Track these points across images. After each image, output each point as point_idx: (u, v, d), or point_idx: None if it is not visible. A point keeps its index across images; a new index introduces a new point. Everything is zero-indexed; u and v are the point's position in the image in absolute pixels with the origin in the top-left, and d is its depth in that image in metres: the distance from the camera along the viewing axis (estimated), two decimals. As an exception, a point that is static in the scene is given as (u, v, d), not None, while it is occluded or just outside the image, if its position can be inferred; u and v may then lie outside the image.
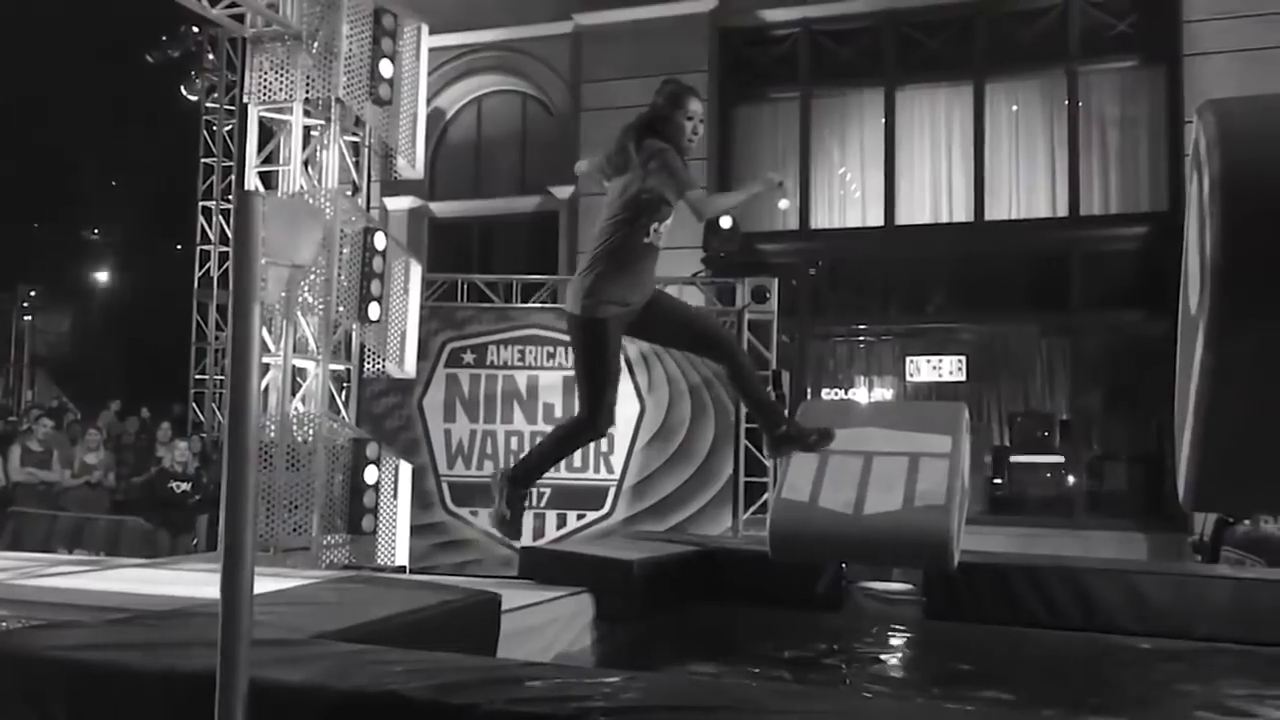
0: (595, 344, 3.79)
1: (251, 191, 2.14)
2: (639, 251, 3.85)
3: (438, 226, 13.07)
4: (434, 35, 10.56)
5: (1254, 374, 2.10)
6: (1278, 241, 1.99)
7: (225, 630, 1.92)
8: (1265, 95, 2.33)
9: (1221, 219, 1.96)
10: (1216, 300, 2.02)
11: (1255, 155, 2.01)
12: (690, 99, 4.00)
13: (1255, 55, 9.99)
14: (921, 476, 4.35)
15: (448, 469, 9.26)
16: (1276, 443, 2.19)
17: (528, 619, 3.68)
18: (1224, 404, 2.19)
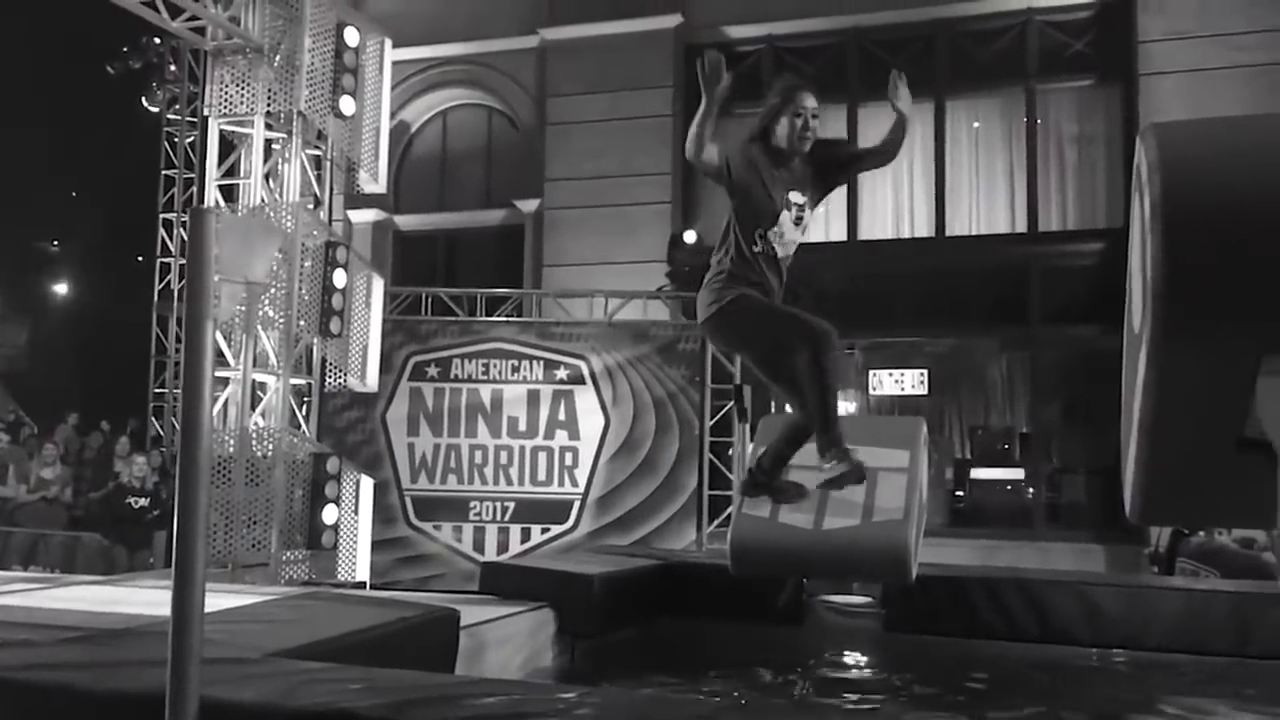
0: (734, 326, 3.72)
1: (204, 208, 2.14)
2: (749, 260, 3.74)
3: (403, 239, 13.03)
4: (399, 48, 10.55)
5: (1194, 391, 2.14)
6: (1215, 262, 2.04)
7: (175, 649, 1.91)
8: (1205, 119, 2.39)
9: (1161, 240, 2.00)
10: (1157, 319, 2.07)
11: (1193, 178, 2.06)
12: (802, 94, 3.82)
13: (1208, 75, 10.20)
14: (880, 491, 4.39)
15: (411, 483, 9.23)
16: (1216, 458, 2.24)
17: (488, 635, 3.67)
18: (1166, 420, 2.24)
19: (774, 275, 3.80)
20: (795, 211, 3.85)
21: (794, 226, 3.84)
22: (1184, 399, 2.18)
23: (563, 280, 11.37)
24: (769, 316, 3.75)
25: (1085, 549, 10.15)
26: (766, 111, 3.86)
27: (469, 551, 8.95)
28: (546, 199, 12.03)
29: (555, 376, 9.38)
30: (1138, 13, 10.62)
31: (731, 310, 3.71)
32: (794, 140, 3.77)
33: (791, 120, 3.78)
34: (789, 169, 3.81)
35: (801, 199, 3.85)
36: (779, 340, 3.76)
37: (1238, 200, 2.02)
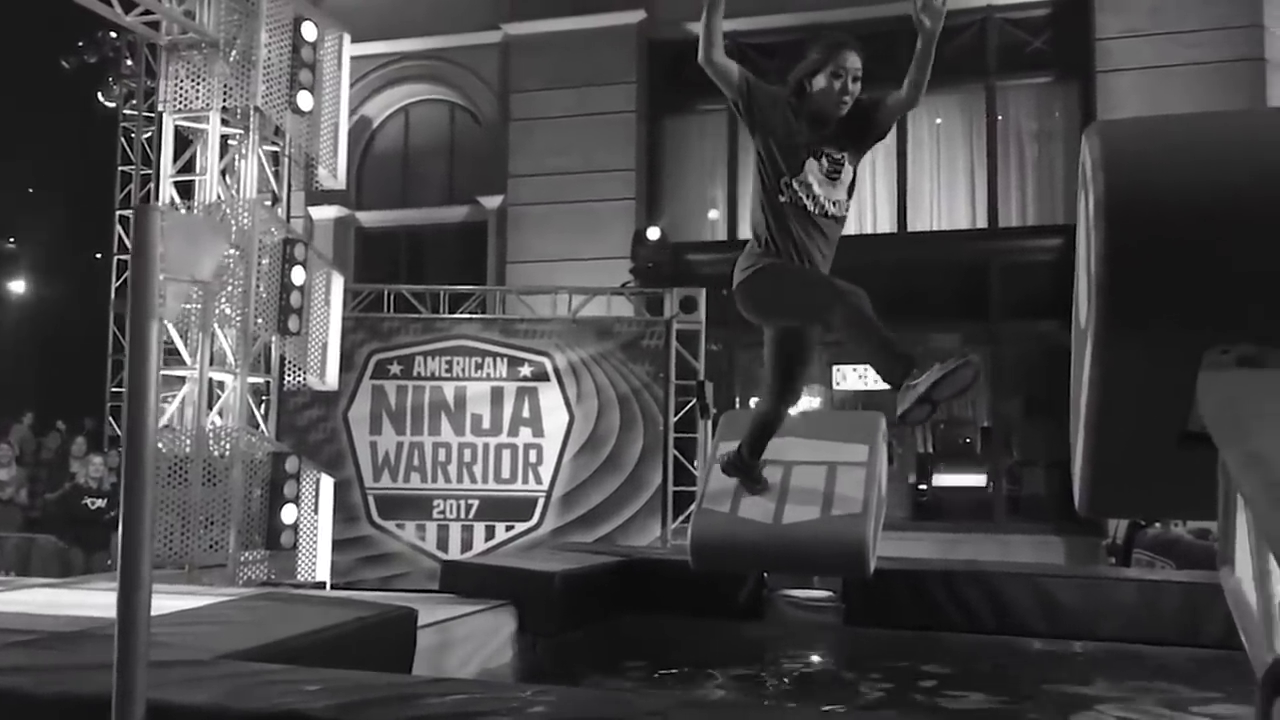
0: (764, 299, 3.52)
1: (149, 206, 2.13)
2: (779, 213, 3.49)
3: (365, 236, 12.95)
4: (360, 43, 10.47)
5: (1138, 385, 2.17)
6: (1158, 259, 2.06)
7: (121, 652, 1.89)
8: (1148, 117, 2.42)
9: (1103, 236, 2.03)
10: (1101, 314, 2.09)
11: (1136, 176, 2.08)
12: (845, 52, 3.57)
13: (1163, 71, 10.35)
14: (839, 485, 4.43)
15: (374, 482, 9.17)
16: (1161, 451, 2.27)
17: (446, 634, 3.66)
18: (1111, 414, 2.26)
19: (812, 234, 3.52)
20: (827, 164, 3.55)
21: (827, 181, 3.54)
22: (1128, 393, 2.21)
23: (527, 277, 11.35)
24: (802, 278, 3.51)
25: (1045, 541, 10.28)
26: (804, 66, 3.59)
27: (432, 550, 8.91)
28: (510, 195, 12.00)
29: (519, 373, 9.36)
30: (1095, 11, 10.76)
31: (761, 275, 3.51)
32: (830, 103, 3.51)
33: (830, 80, 3.52)
34: (820, 125, 3.53)
35: (837, 153, 3.57)
36: (809, 304, 3.52)
37: (1179, 197, 2.05)
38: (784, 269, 3.50)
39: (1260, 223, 2.00)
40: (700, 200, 12.25)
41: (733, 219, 12.08)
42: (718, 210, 12.20)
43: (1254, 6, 10.32)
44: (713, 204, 12.25)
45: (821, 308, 3.44)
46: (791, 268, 3.50)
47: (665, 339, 9.37)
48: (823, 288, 3.44)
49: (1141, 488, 2.49)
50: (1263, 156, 2.06)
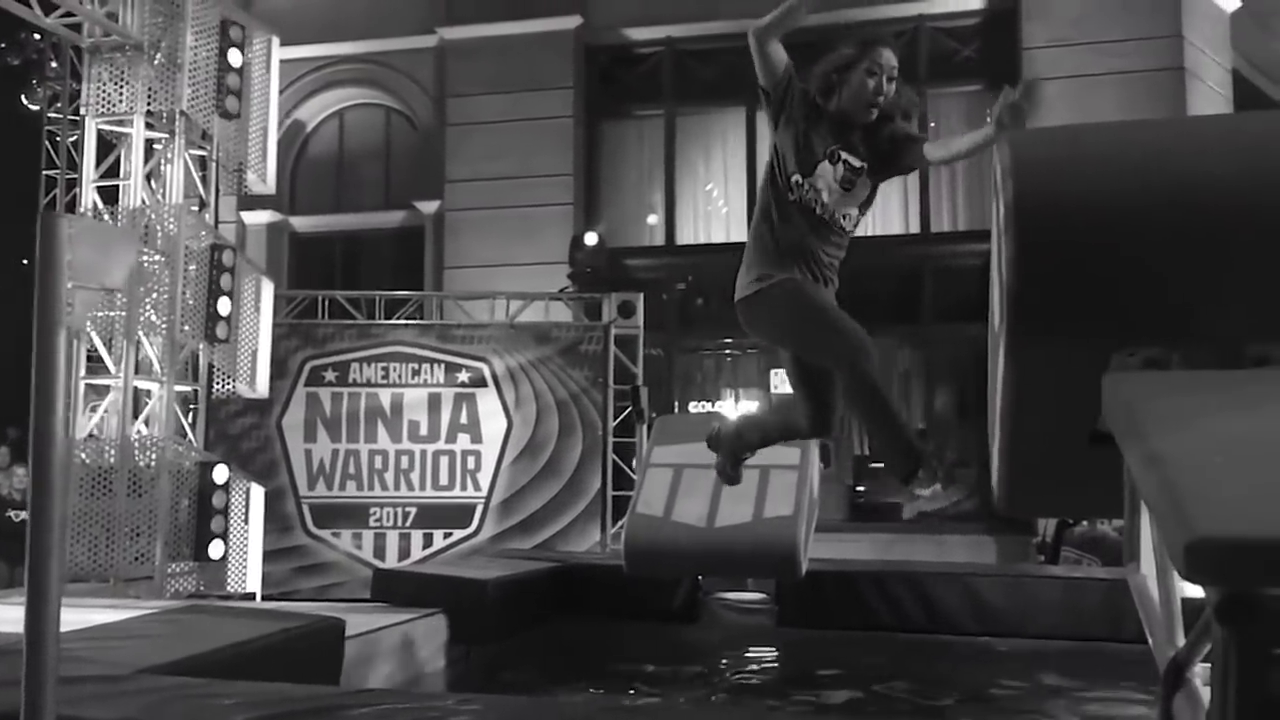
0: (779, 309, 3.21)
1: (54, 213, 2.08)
2: (786, 213, 3.25)
3: (299, 241, 12.76)
4: (293, 46, 10.32)
5: (1048, 387, 2.22)
6: (1064, 265, 2.11)
7: (30, 667, 1.85)
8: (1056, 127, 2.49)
9: (1012, 243, 2.07)
10: (1012, 319, 2.14)
11: (1043, 184, 2.13)
12: (882, 49, 3.31)
13: (1088, 80, 10.59)
14: (771, 489, 4.47)
15: (308, 490, 9.03)
16: (1071, 452, 2.32)
17: (376, 643, 3.63)
18: (1023, 416, 2.31)
19: (819, 241, 3.29)
20: (843, 170, 3.29)
21: (840, 189, 3.29)
22: (1039, 395, 2.26)
23: (464, 282, 11.27)
24: (807, 315, 3.22)
25: (978, 540, 10.45)
26: (834, 59, 3.35)
27: (369, 558, 8.79)
28: (447, 200, 11.91)
29: (456, 379, 9.29)
30: (1022, 20, 10.97)
31: (769, 298, 3.23)
32: (861, 103, 3.24)
33: (864, 77, 3.26)
34: (844, 128, 3.28)
35: (856, 161, 3.30)
36: (811, 347, 3.32)
37: (1084, 205, 2.10)
38: (796, 293, 3.22)
39: (1162, 230, 2.06)
40: (638, 205, 12.27)
41: (671, 223, 12.13)
42: (656, 215, 12.24)
43: (1174, 18, 10.62)
44: (651, 209, 12.28)
45: (829, 356, 3.22)
46: (804, 294, 3.22)
47: (603, 344, 9.36)
48: (836, 336, 3.15)
49: (1057, 487, 2.55)
50: (1165, 166, 2.12)
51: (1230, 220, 2.00)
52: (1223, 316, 2.07)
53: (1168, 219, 2.05)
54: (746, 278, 3.33)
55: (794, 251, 3.27)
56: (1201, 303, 2.06)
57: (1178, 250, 2.04)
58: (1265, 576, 1.33)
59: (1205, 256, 2.02)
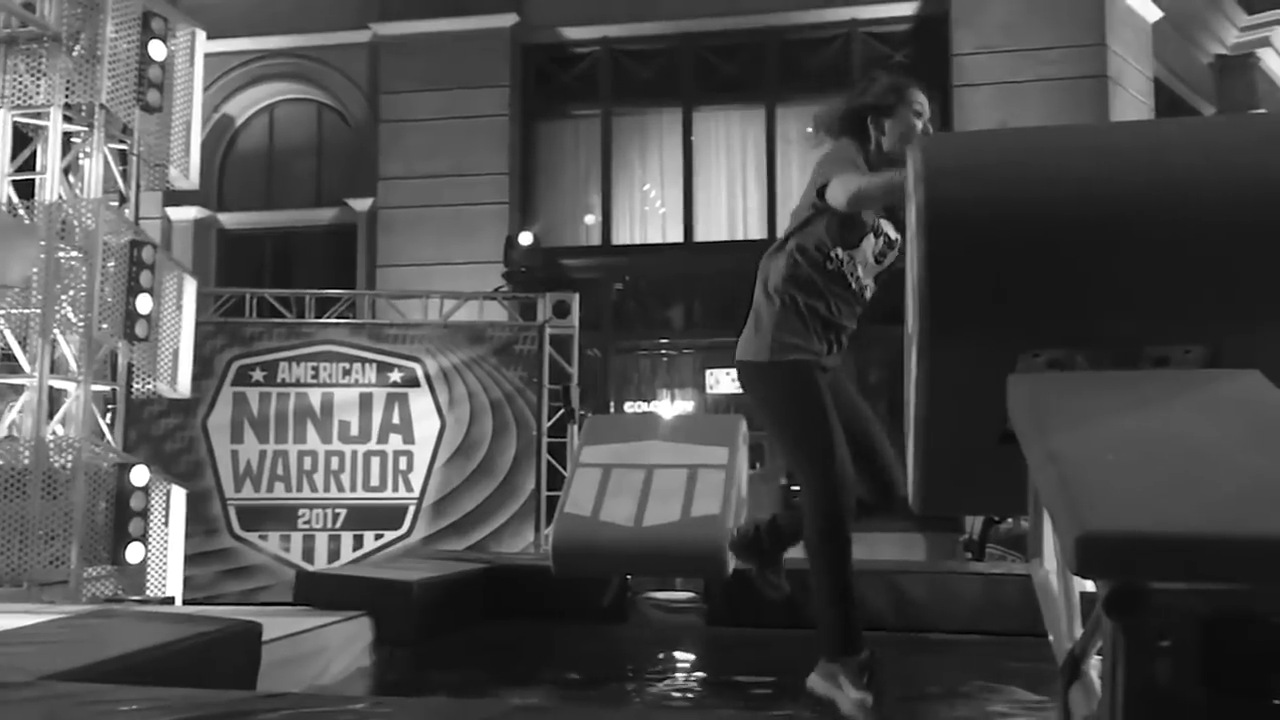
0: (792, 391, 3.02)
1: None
2: (811, 282, 3.08)
3: (227, 238, 12.53)
4: (222, 40, 10.12)
5: (958, 388, 2.25)
6: (972, 268, 2.15)
7: (-83, 678, 1.79)
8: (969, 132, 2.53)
9: (923, 246, 2.10)
10: (923, 320, 2.17)
11: (953, 188, 2.16)
12: (918, 91, 3.12)
13: (1017, 87, 10.81)
14: (699, 488, 4.49)
15: (235, 492, 8.87)
16: (982, 451, 2.36)
17: (297, 647, 3.57)
18: (935, 416, 2.34)
19: (843, 314, 3.14)
20: (882, 243, 3.17)
21: (874, 261, 3.18)
22: (950, 395, 2.29)
23: (398, 281, 11.16)
24: (805, 422, 3.06)
25: (909, 538, 10.60)
26: (868, 102, 3.15)
27: (297, 561, 8.66)
28: (380, 198, 11.79)
29: (389, 379, 9.19)
30: (952, 26, 11.17)
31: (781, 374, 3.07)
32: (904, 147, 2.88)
33: (911, 120, 3.07)
34: None
35: (893, 234, 3.15)
36: (788, 453, 3.16)
37: (993, 209, 2.14)
38: (808, 386, 3.05)
39: (1066, 234, 2.11)
40: (575, 205, 12.26)
41: (607, 223, 12.13)
42: (593, 215, 12.24)
43: (1098, 27, 10.89)
44: (588, 208, 12.27)
45: (800, 479, 3.08)
46: (813, 393, 3.04)
47: (538, 344, 9.33)
48: (816, 469, 3.04)
49: (969, 486, 2.60)
50: (1069, 172, 2.17)
51: (1130, 226, 2.05)
52: (1124, 319, 2.12)
53: (1071, 224, 2.10)
54: (761, 340, 3.14)
55: (824, 324, 3.13)
56: (1104, 306, 2.11)
57: (1081, 255, 2.08)
58: (1151, 570, 1.37)
59: (1107, 261, 2.07)
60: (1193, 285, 2.01)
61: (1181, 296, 2.04)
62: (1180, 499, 1.43)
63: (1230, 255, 1.92)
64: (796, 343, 3.10)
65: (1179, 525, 1.38)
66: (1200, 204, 1.92)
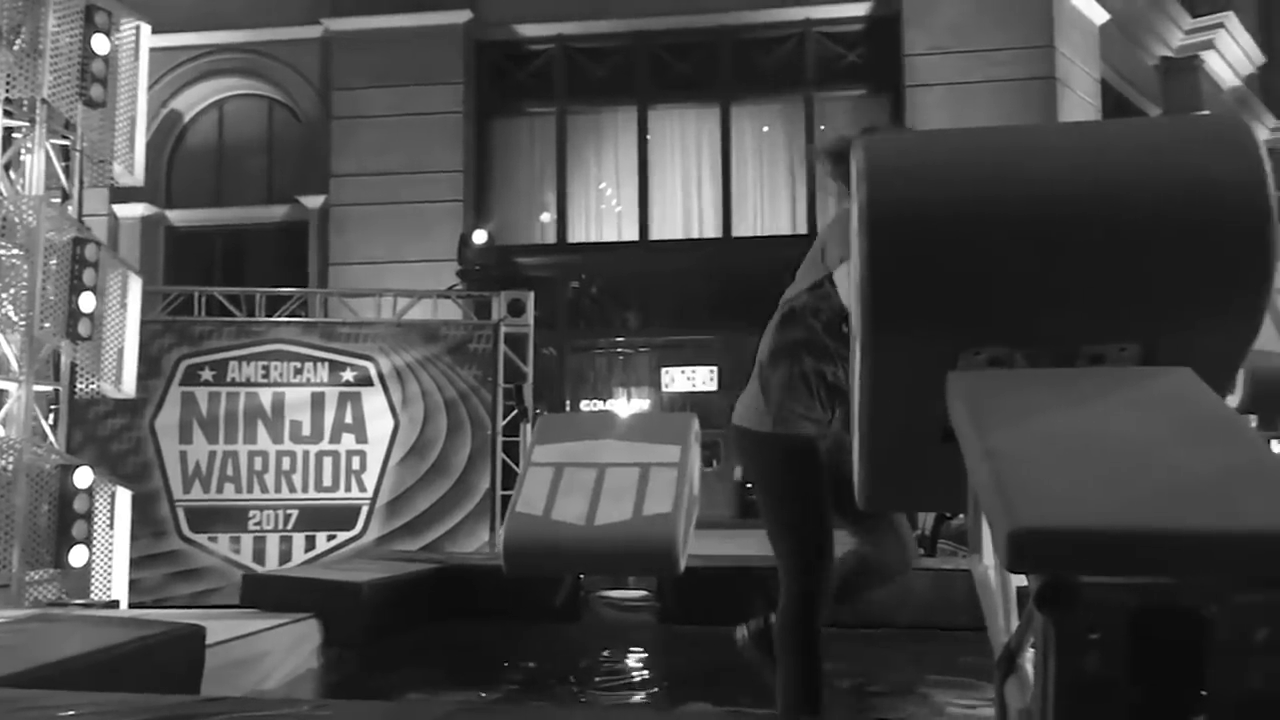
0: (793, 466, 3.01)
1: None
2: (835, 352, 3.02)
3: (176, 236, 12.35)
4: (169, 34, 9.98)
5: (901, 386, 2.27)
6: (914, 266, 2.16)
7: None
8: (914, 132, 2.56)
9: (865, 245, 2.11)
10: (865, 319, 2.18)
11: (894, 188, 2.18)
12: None
13: (968, 88, 10.95)
14: (651, 486, 4.49)
15: (183, 493, 8.74)
16: (925, 448, 2.38)
17: (242, 650, 3.53)
18: (879, 414, 2.36)
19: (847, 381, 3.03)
20: None
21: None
22: (894, 393, 2.31)
23: (350, 279, 11.07)
24: (781, 501, 3.10)
25: (862, 534, 10.70)
26: None
27: (248, 563, 8.55)
28: (332, 195, 11.68)
29: (341, 378, 9.10)
30: (904, 27, 11.28)
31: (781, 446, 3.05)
32: None
33: None
34: None
35: None
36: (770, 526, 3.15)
37: (934, 208, 2.16)
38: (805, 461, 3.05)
39: (1005, 234, 2.13)
40: (530, 203, 12.23)
41: (562, 221, 12.11)
42: (549, 213, 12.21)
43: (1046, 29, 11.05)
44: (543, 206, 12.25)
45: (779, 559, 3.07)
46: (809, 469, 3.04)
47: (493, 342, 9.29)
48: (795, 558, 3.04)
49: (914, 482, 2.62)
50: (1009, 172, 2.19)
51: (1067, 226, 2.08)
52: (1062, 318, 2.15)
53: (1010, 224, 2.12)
54: (766, 409, 3.11)
55: (830, 389, 3.10)
56: (1042, 304, 2.14)
57: (1019, 254, 2.11)
58: (1081, 565, 1.39)
59: (1045, 260, 2.10)
60: (1128, 284, 2.04)
61: (1117, 296, 2.07)
62: (1110, 494, 1.45)
63: (1164, 255, 1.96)
64: (801, 412, 3.07)
65: (1108, 520, 1.40)
66: (1135, 204, 1.95)
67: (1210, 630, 1.41)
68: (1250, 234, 1.94)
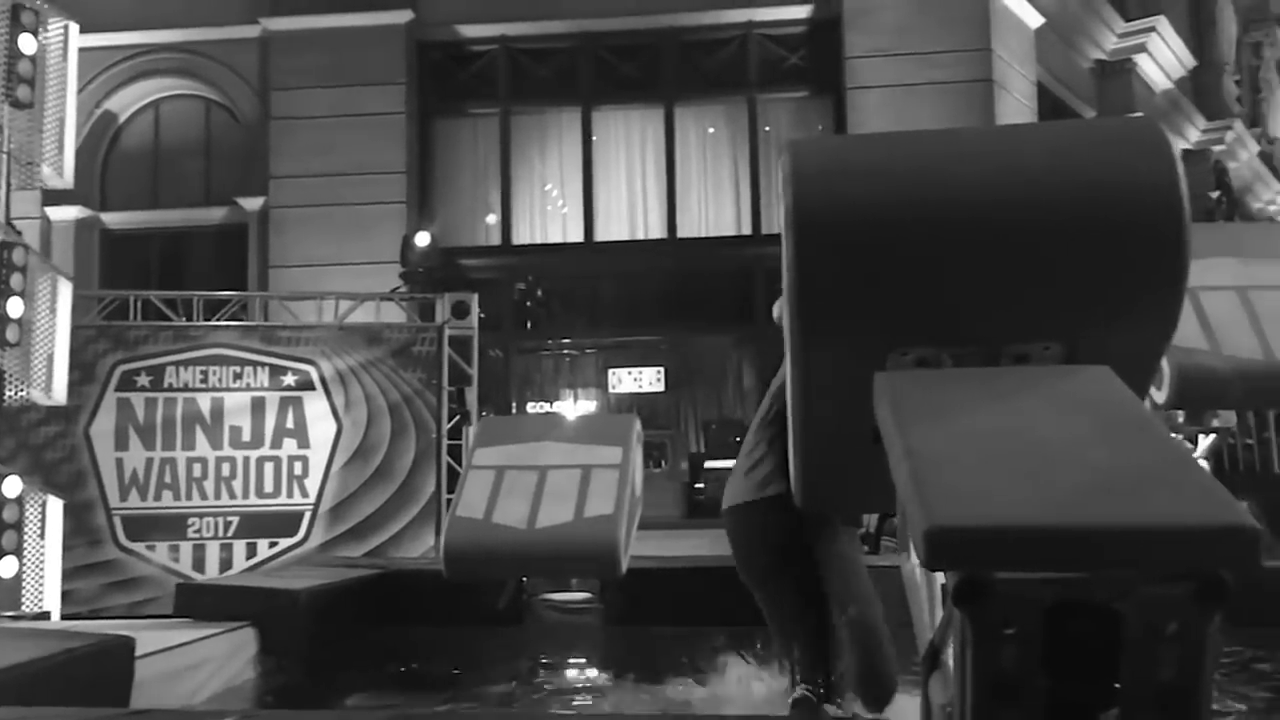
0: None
1: None
2: None
3: (111, 239, 12.10)
4: (102, 33, 9.79)
5: (831, 387, 2.28)
6: (840, 269, 2.19)
7: None
8: (838, 136, 2.58)
9: (792, 247, 2.13)
10: (795, 321, 2.19)
11: (820, 191, 2.19)
12: None
13: (908, 90, 11.08)
14: (592, 488, 4.48)
15: (120, 501, 8.55)
16: (856, 449, 2.39)
17: (175, 661, 3.46)
18: (811, 415, 2.37)
19: None
20: None
21: None
22: (824, 395, 2.33)
23: (291, 282, 10.92)
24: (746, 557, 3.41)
25: (808, 533, 10.78)
26: None
27: (188, 571, 8.40)
28: (272, 197, 11.52)
29: (282, 382, 8.97)
30: (844, 30, 11.39)
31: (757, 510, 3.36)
32: None
33: None
34: None
35: None
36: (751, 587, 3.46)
37: (859, 211, 2.18)
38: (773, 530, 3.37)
39: (929, 235, 2.16)
40: (474, 204, 12.16)
41: (507, 223, 12.06)
42: (494, 214, 12.15)
43: (983, 32, 11.22)
44: (487, 208, 12.19)
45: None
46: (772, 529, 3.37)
47: (437, 345, 9.21)
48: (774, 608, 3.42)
49: (848, 483, 2.65)
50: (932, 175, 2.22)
51: (989, 227, 2.11)
52: (986, 318, 2.18)
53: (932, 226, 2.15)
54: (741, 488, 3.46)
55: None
56: (967, 304, 2.17)
57: (944, 255, 2.14)
58: (995, 561, 1.42)
59: (969, 261, 2.13)
60: (1047, 285, 2.07)
61: (1038, 296, 2.11)
62: (1024, 492, 1.48)
63: (1080, 256, 2.00)
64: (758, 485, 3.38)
65: (1022, 518, 1.42)
66: (1051, 206, 1.99)
67: (1122, 624, 1.44)
68: (1163, 235, 1.99)
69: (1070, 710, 1.45)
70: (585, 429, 5.03)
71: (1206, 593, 1.41)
